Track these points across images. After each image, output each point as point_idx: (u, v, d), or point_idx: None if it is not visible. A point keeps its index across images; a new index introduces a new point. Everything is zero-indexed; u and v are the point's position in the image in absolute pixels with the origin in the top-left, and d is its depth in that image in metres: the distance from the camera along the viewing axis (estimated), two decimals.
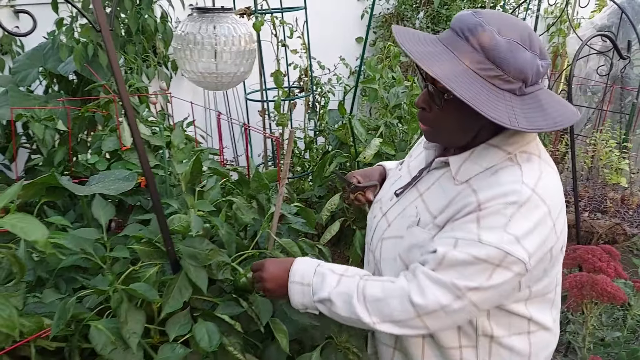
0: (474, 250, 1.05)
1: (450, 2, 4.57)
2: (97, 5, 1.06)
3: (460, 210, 1.10)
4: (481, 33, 1.05)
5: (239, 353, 1.26)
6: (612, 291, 1.47)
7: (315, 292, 1.18)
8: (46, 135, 2.05)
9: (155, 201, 1.22)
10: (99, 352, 1.11)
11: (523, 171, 1.10)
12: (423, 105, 1.18)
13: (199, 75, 1.43)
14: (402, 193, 1.31)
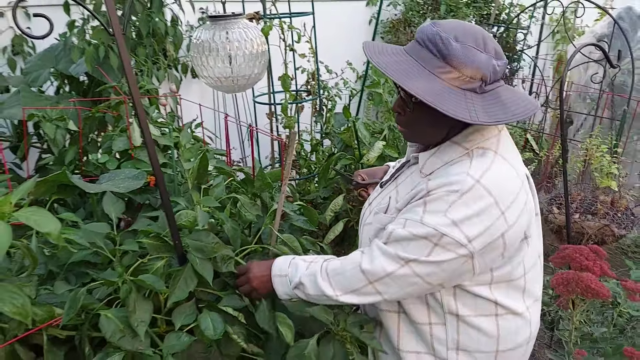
0: (415, 230, 1.19)
1: (457, 8, 4.61)
2: (110, 9, 1.11)
3: (414, 196, 1.23)
4: (439, 41, 1.16)
5: (243, 342, 1.30)
6: (595, 288, 1.53)
7: (291, 280, 1.34)
8: (57, 135, 2.11)
9: (163, 196, 1.27)
10: (109, 339, 1.16)
11: (472, 164, 1.21)
12: (398, 109, 1.32)
13: (216, 80, 1.49)
14: (385, 185, 1.46)
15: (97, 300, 1.28)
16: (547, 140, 3.84)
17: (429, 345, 1.35)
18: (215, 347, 1.36)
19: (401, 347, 1.39)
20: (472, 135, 1.26)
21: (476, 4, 4.76)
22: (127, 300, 1.20)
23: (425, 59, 1.19)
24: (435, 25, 1.19)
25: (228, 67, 1.48)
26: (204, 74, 1.48)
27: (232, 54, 1.45)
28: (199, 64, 1.48)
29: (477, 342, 1.31)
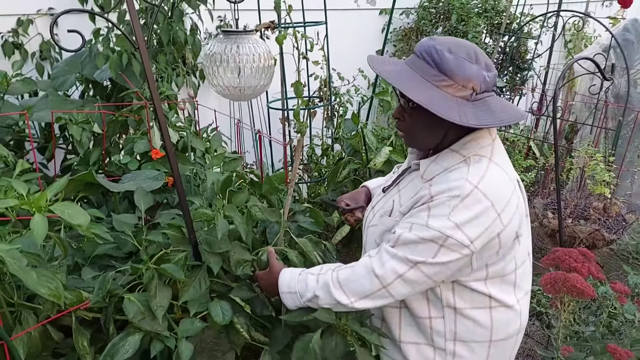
0: (422, 233, 1.30)
1: (467, 18, 4.70)
2: (134, 22, 1.24)
3: (418, 201, 1.34)
4: (434, 52, 1.29)
5: (245, 332, 1.43)
6: (581, 287, 1.63)
7: (302, 295, 1.44)
8: (83, 137, 2.25)
9: (181, 195, 1.40)
10: (131, 319, 1.30)
11: (470, 170, 1.32)
12: (398, 116, 1.43)
13: (224, 88, 1.63)
14: (387, 190, 1.56)
15: (120, 287, 1.42)
16: (550, 149, 3.92)
17: (428, 337, 1.47)
18: (225, 334, 1.49)
19: (402, 339, 1.50)
20: (469, 143, 1.37)
21: (487, 14, 4.85)
22: (149, 285, 1.33)
23: (422, 69, 1.32)
24: (432, 39, 1.33)
25: (236, 77, 1.62)
26: (214, 82, 1.62)
27: (241, 66, 1.59)
28: (210, 73, 1.62)
29: (473, 333, 1.43)
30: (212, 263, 1.41)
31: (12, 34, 2.94)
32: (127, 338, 1.30)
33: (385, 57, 1.44)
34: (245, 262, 1.53)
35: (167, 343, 1.34)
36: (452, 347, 1.45)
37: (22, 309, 1.32)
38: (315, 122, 3.97)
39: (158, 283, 1.34)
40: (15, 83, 2.20)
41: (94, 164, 2.31)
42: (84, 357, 1.34)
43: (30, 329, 1.28)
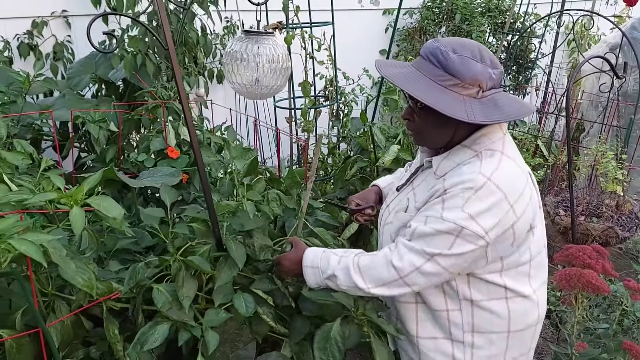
0: (437, 225, 1.33)
1: (471, 17, 4.75)
2: (165, 26, 1.30)
3: (432, 195, 1.39)
4: (439, 53, 1.34)
5: (272, 321, 1.48)
6: (596, 283, 1.65)
7: (323, 272, 1.48)
8: (100, 135, 2.31)
9: (205, 189, 1.45)
10: (159, 308, 1.36)
11: (482, 164, 1.37)
12: (407, 116, 1.47)
13: (242, 86, 1.69)
14: (402, 188, 1.60)
15: (146, 278, 1.47)
16: (558, 147, 3.99)
17: (446, 330, 1.50)
18: (247, 325, 1.55)
19: (419, 334, 1.54)
20: (480, 139, 1.41)
21: (491, 13, 4.90)
22: (177, 276, 1.39)
23: (428, 70, 1.36)
24: (436, 41, 1.37)
25: (254, 76, 1.68)
26: (232, 80, 1.68)
27: (260, 66, 1.65)
28: (229, 70, 1.68)
29: (491, 324, 1.47)
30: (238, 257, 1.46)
31: (27, 35, 3.00)
32: (156, 327, 1.36)
33: (391, 60, 1.50)
34: (268, 248, 1.59)
35: (194, 332, 1.39)
36: (471, 339, 1.48)
37: (55, 299, 1.38)
38: (320, 122, 4.03)
39: (185, 274, 1.40)
40: (35, 83, 2.26)
41: (110, 161, 2.37)
42: (114, 345, 1.40)
43: (63, 317, 1.34)
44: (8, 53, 2.94)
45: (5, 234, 1.06)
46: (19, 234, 1.08)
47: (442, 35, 4.79)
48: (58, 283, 1.42)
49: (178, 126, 2.32)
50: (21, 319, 1.32)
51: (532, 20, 5.01)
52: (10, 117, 2.14)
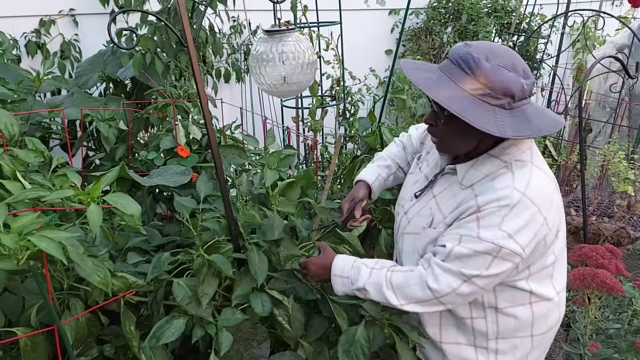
0: (474, 246, 1.29)
1: (477, 18, 4.75)
2: (185, 23, 1.29)
3: (464, 212, 1.34)
4: (470, 60, 1.27)
5: (287, 323, 1.48)
6: (610, 283, 1.64)
7: (352, 282, 1.45)
8: (110, 134, 2.30)
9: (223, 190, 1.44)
10: (179, 302, 1.36)
11: (515, 178, 1.33)
12: (430, 121, 1.42)
13: (272, 86, 1.68)
14: (421, 195, 1.55)
15: (165, 272, 1.46)
16: (566, 147, 3.97)
17: (470, 336, 1.48)
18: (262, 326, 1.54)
19: (443, 339, 1.52)
20: (509, 148, 1.36)
21: (497, 14, 4.90)
22: (199, 272, 1.39)
23: (458, 76, 1.29)
24: (468, 46, 1.30)
25: (282, 74, 1.67)
26: (261, 81, 1.67)
27: (287, 64, 1.64)
28: (257, 73, 1.66)
29: (515, 329, 1.45)
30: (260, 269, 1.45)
31: (35, 34, 3.00)
32: (172, 321, 1.36)
33: (418, 62, 1.42)
34: (294, 257, 1.58)
35: (209, 330, 1.39)
36: (495, 345, 1.47)
37: (69, 297, 1.37)
38: (326, 121, 4.03)
39: (207, 272, 1.40)
40: (45, 82, 2.25)
41: (119, 160, 2.36)
42: (130, 341, 1.39)
43: (78, 315, 1.33)
44: (16, 51, 2.94)
45: (24, 231, 1.05)
46: (37, 231, 1.07)
47: (448, 35, 4.78)
48: (72, 281, 1.41)
49: (188, 125, 2.31)
50: (35, 316, 1.32)
51: (538, 22, 5.00)
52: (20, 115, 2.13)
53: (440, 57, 4.86)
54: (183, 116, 2.49)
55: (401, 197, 1.67)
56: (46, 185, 1.26)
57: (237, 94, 4.06)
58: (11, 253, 1.04)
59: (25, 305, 1.39)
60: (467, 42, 1.33)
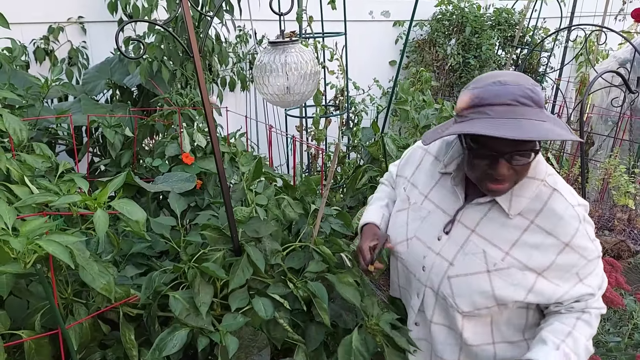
0: (595, 269, 1.43)
1: (481, 30, 4.79)
2: (191, 33, 1.32)
3: (547, 251, 1.37)
4: (531, 93, 1.24)
5: (288, 326, 1.49)
6: (610, 296, 1.67)
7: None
8: (116, 140, 2.33)
9: (225, 195, 1.47)
10: (177, 316, 1.36)
11: (563, 193, 1.39)
12: (508, 172, 1.31)
13: (275, 96, 1.70)
14: (450, 232, 1.48)
15: (162, 284, 1.48)
16: (568, 160, 3.99)
17: None
18: (262, 331, 1.55)
19: None
20: (538, 166, 1.40)
21: (500, 26, 4.94)
22: (193, 283, 1.40)
23: (533, 114, 1.23)
24: (516, 84, 1.24)
25: (285, 85, 1.70)
26: (264, 91, 1.70)
27: (289, 74, 1.67)
28: (260, 83, 1.69)
29: None
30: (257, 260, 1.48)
31: (44, 40, 3.04)
32: (174, 333, 1.37)
33: (489, 119, 1.26)
34: (278, 252, 1.61)
35: (213, 338, 1.40)
36: None
37: (73, 302, 1.39)
38: (329, 131, 4.06)
39: (201, 281, 1.41)
40: (53, 88, 2.29)
41: (125, 166, 2.39)
42: (129, 350, 1.40)
43: (82, 319, 1.35)
44: (25, 58, 2.98)
45: (32, 235, 1.07)
46: (45, 235, 1.10)
47: (451, 47, 4.82)
48: (75, 287, 1.43)
49: (193, 132, 2.34)
50: (39, 320, 1.33)
51: (541, 35, 5.04)
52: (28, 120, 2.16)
53: (443, 69, 4.89)
54: (188, 124, 2.52)
55: (414, 237, 1.56)
56: (53, 190, 1.29)
57: (242, 102, 4.10)
58: (19, 256, 1.06)
59: (30, 309, 1.41)
60: (504, 79, 1.26)
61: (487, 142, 1.27)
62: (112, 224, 1.85)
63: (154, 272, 1.45)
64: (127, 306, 1.45)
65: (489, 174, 1.32)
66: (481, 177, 1.35)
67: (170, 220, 1.68)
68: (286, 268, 1.63)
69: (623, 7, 5.71)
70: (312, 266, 1.65)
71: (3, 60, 2.51)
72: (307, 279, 1.62)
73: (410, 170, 1.67)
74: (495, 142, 1.26)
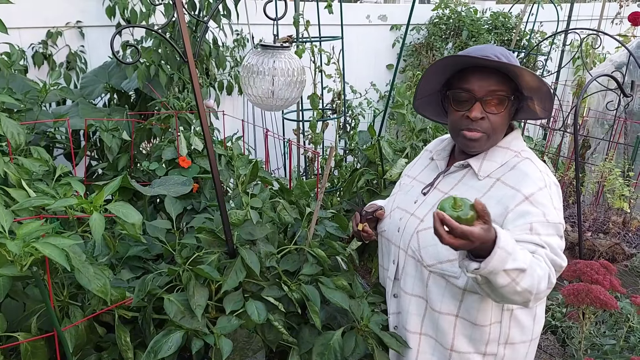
0: (550, 230, 1.37)
1: (478, 34, 4.81)
2: (185, 38, 1.34)
3: (508, 206, 1.40)
4: (509, 56, 1.44)
5: (282, 327, 1.50)
6: (604, 299, 1.67)
7: (514, 259, 1.20)
8: (113, 144, 2.34)
9: (220, 198, 1.48)
10: (172, 318, 1.38)
11: (536, 164, 1.47)
12: (490, 111, 1.44)
13: (258, 98, 1.73)
14: (427, 194, 1.59)
15: (157, 287, 1.50)
16: (564, 163, 4.01)
17: (481, 345, 1.49)
18: (257, 333, 1.56)
19: (454, 347, 1.50)
20: (515, 141, 1.52)
21: (497, 30, 4.96)
22: (188, 286, 1.41)
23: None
24: (500, 47, 1.46)
25: (270, 89, 1.72)
26: (249, 92, 1.72)
27: (275, 79, 1.69)
28: (246, 83, 1.72)
29: (522, 333, 1.49)
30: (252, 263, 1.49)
31: (42, 45, 3.05)
32: (169, 335, 1.38)
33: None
34: (272, 255, 1.62)
35: (207, 340, 1.41)
36: (502, 351, 1.50)
37: (69, 305, 1.40)
38: (326, 134, 4.07)
39: (195, 283, 1.43)
40: (51, 92, 2.30)
41: (122, 169, 2.40)
42: (125, 352, 1.42)
43: (78, 322, 1.36)
44: (23, 62, 2.99)
45: (28, 237, 1.08)
46: (41, 238, 1.11)
47: (448, 51, 4.84)
48: (71, 290, 1.44)
49: (190, 136, 2.35)
50: (36, 323, 1.35)
51: (538, 38, 5.06)
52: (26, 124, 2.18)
53: None
54: (185, 127, 2.53)
55: (396, 207, 1.67)
56: (50, 193, 1.30)
57: (239, 106, 4.11)
58: (16, 259, 1.07)
59: (26, 311, 1.43)
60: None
61: (463, 85, 1.44)
62: (109, 227, 1.87)
63: (147, 275, 1.46)
64: (122, 309, 1.46)
65: (465, 121, 1.46)
66: (459, 126, 1.48)
67: (166, 223, 1.70)
68: (281, 271, 1.65)
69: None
70: (306, 269, 1.67)
71: (1, 64, 2.53)
72: (301, 281, 1.64)
73: (409, 167, 1.80)
74: (471, 84, 1.42)
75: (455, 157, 1.61)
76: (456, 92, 1.47)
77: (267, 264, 1.59)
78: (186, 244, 1.61)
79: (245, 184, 1.64)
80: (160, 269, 1.62)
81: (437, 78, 1.53)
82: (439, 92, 1.59)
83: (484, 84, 1.42)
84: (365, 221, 1.68)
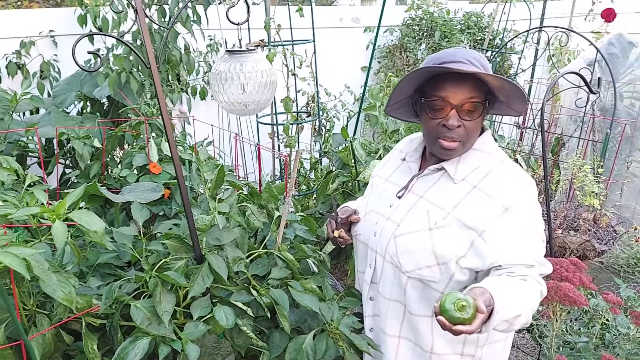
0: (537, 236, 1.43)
1: (451, 35, 4.86)
2: (148, 46, 1.36)
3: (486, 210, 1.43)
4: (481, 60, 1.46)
5: (251, 332, 1.53)
6: (573, 296, 1.68)
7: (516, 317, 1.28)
8: (84, 152, 2.35)
9: (185, 203, 1.50)
10: (139, 325, 1.39)
11: (509, 167, 1.50)
12: (469, 118, 1.45)
13: (230, 104, 1.74)
14: (401, 198, 1.59)
15: (125, 294, 1.51)
16: (537, 161, 4.08)
17: (458, 346, 1.50)
18: (226, 338, 1.58)
19: (434, 350, 1.51)
20: (487, 142, 1.53)
21: (470, 30, 5.02)
22: (154, 292, 1.43)
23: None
24: (473, 51, 1.48)
25: (240, 94, 1.74)
26: (220, 99, 1.74)
27: (245, 83, 1.71)
28: (216, 91, 1.73)
29: (498, 333, 1.50)
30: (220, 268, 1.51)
31: (16, 55, 3.05)
32: (136, 342, 1.39)
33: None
34: (240, 259, 1.64)
35: (174, 346, 1.42)
36: (480, 352, 1.52)
37: (36, 313, 1.41)
38: (302, 137, 4.10)
39: (162, 290, 1.44)
40: (22, 101, 2.30)
41: (94, 177, 2.40)
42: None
43: (44, 330, 1.37)
44: None
45: None
46: (3, 247, 1.12)
47: (422, 52, 4.90)
48: (39, 299, 1.45)
49: (160, 142, 2.37)
50: (3, 332, 1.35)
51: (510, 37, 5.13)
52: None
53: None
54: (157, 133, 2.54)
55: (370, 211, 1.67)
56: (12, 203, 1.31)
57: (213, 111, 4.12)
58: None
59: None
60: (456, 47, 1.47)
61: (438, 93, 1.43)
62: (80, 235, 1.87)
63: (114, 283, 1.48)
64: (90, 316, 1.47)
65: (441, 130, 1.46)
66: (435, 134, 1.48)
67: (132, 229, 1.71)
68: (250, 275, 1.67)
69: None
70: (275, 273, 1.70)
71: None
72: (270, 285, 1.66)
73: (380, 167, 1.80)
74: (446, 91, 1.42)
75: (427, 159, 1.61)
76: (431, 101, 1.46)
77: (235, 268, 1.61)
78: (154, 250, 1.62)
79: (212, 189, 1.66)
80: (130, 276, 1.63)
81: (409, 85, 1.52)
82: (411, 97, 1.58)
83: (459, 91, 1.42)
84: (341, 227, 1.69)
